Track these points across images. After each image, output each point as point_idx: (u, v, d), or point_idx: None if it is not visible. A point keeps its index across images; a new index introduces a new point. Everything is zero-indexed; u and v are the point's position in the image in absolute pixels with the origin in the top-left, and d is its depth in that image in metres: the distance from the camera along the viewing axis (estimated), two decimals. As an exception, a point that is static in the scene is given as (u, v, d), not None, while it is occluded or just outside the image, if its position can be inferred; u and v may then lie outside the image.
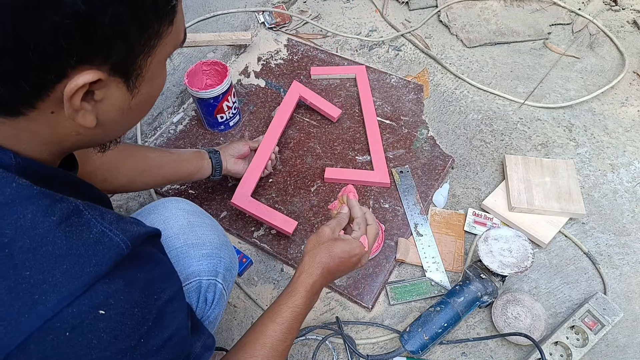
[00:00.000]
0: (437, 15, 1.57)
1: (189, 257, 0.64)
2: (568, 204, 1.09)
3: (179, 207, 0.69)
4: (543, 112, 1.32)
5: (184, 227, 0.67)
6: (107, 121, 0.46)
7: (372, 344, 0.97)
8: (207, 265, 0.67)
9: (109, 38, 0.39)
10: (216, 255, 0.68)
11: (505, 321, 0.96)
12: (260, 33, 1.49)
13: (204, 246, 0.67)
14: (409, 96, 1.33)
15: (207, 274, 0.67)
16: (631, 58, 1.43)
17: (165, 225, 0.66)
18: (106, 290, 0.41)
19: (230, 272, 0.72)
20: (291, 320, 0.65)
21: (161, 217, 0.67)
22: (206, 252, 0.67)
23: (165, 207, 0.68)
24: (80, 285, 0.40)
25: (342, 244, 0.72)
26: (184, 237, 0.63)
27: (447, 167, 1.19)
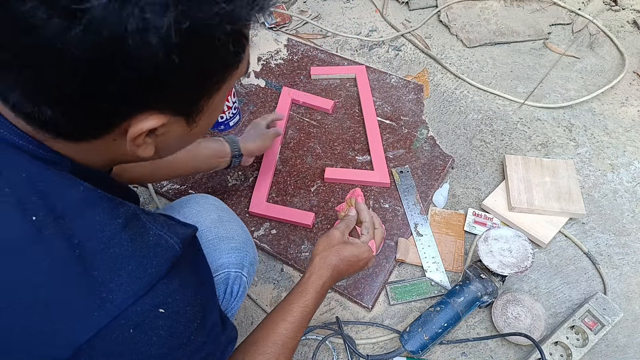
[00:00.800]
0: (437, 15, 1.57)
1: (220, 250, 0.66)
2: (568, 204, 1.09)
3: (209, 202, 0.73)
4: (543, 112, 1.32)
5: (215, 221, 0.70)
6: (165, 148, 0.50)
7: (372, 344, 0.97)
8: (235, 257, 0.70)
9: (175, 91, 0.41)
10: (243, 249, 0.71)
11: (505, 321, 0.96)
12: (260, 33, 1.49)
13: (233, 239, 0.70)
14: (409, 96, 1.33)
15: (235, 266, 0.69)
16: (631, 58, 1.43)
17: (198, 218, 0.70)
18: (165, 290, 0.44)
19: (253, 267, 0.75)
20: (301, 319, 0.68)
21: (193, 210, 0.71)
22: (234, 246, 0.70)
23: (197, 202, 0.72)
24: (143, 285, 0.42)
25: (351, 248, 0.76)
26: (215, 231, 0.66)
27: (447, 167, 1.19)
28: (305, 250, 1.07)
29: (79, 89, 0.38)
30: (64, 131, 0.42)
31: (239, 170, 1.19)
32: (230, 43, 0.41)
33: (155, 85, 0.39)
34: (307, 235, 1.09)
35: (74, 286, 0.41)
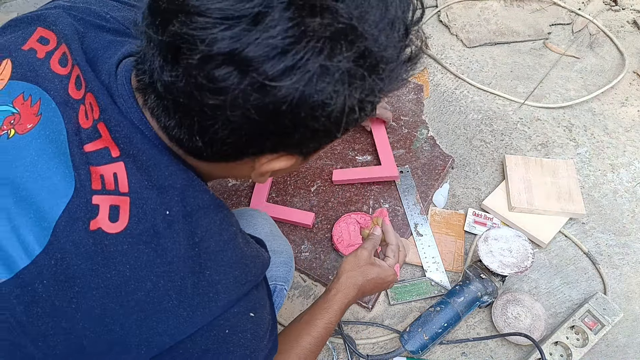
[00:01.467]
0: (437, 15, 1.57)
1: (272, 263, 0.67)
2: (568, 204, 1.09)
3: (262, 217, 0.75)
4: (543, 112, 1.32)
5: (268, 235, 0.73)
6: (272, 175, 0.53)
7: (372, 344, 0.97)
8: (282, 271, 0.72)
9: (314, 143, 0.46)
10: (289, 264, 0.74)
11: (505, 321, 0.96)
12: (260, 33, 1.49)
13: (282, 254, 0.73)
14: (409, 96, 1.33)
15: (282, 280, 0.72)
16: (631, 58, 1.43)
17: (254, 230, 0.72)
18: (256, 297, 0.48)
19: (291, 281, 0.77)
20: (324, 335, 0.70)
21: (250, 224, 0.73)
22: (283, 260, 0.73)
23: (252, 216, 0.75)
24: (244, 291, 0.46)
25: (378, 270, 0.78)
26: (268, 244, 0.66)
27: (447, 167, 1.19)
28: (305, 250, 1.07)
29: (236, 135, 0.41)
30: (199, 155, 0.46)
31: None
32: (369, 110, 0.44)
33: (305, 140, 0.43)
34: (307, 235, 1.09)
35: (189, 282, 0.43)
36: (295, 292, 1.04)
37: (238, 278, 0.46)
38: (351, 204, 1.13)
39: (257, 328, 0.49)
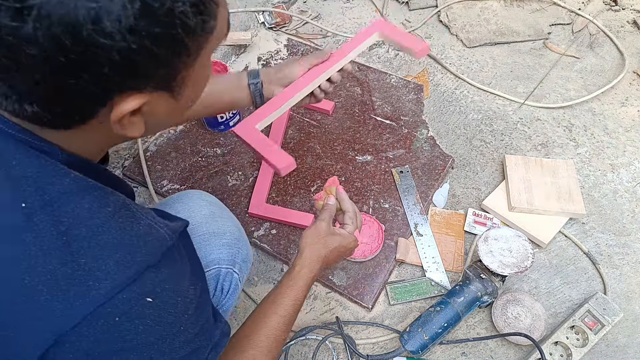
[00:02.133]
0: (437, 15, 1.57)
1: (211, 245, 0.66)
2: (568, 204, 1.09)
3: (202, 198, 0.71)
4: (543, 112, 1.32)
5: (207, 217, 0.69)
6: (155, 123, 0.49)
7: (372, 344, 0.97)
8: (226, 254, 0.68)
9: (148, 71, 0.40)
10: (235, 245, 0.70)
11: (505, 321, 0.96)
12: (260, 33, 1.49)
13: (225, 235, 0.69)
14: (409, 96, 1.33)
15: (226, 262, 0.68)
16: (631, 58, 1.43)
17: (189, 213, 0.68)
18: (154, 280, 0.44)
19: (246, 264, 0.73)
20: (293, 313, 0.69)
21: (186, 206, 0.69)
22: (226, 242, 0.69)
23: (190, 198, 0.70)
24: (131, 274, 0.42)
25: (339, 239, 0.78)
26: (206, 226, 0.66)
27: (447, 167, 1.19)
28: (305, 250, 1.07)
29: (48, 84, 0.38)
30: (48, 122, 0.42)
31: (239, 170, 1.19)
32: (193, 13, 0.40)
33: (125, 68, 0.39)
34: (307, 235, 1.09)
35: (60, 273, 0.41)
36: (295, 292, 1.04)
37: (121, 261, 0.42)
38: (351, 204, 1.13)
39: (164, 314, 0.45)
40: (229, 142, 1.24)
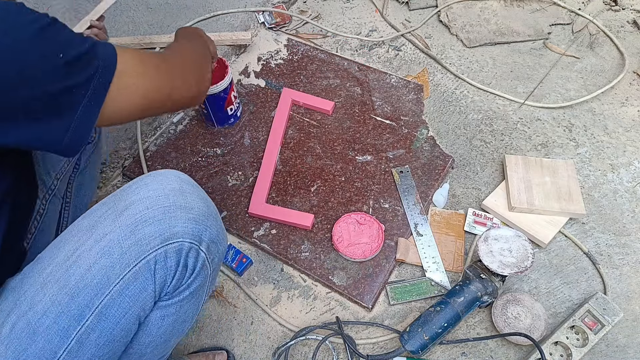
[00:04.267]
0: (437, 15, 1.57)
1: (175, 218, 0.63)
2: (568, 204, 1.10)
3: (174, 174, 0.70)
4: (543, 112, 1.32)
5: (174, 190, 0.66)
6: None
7: (372, 344, 0.97)
8: (191, 229, 0.65)
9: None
10: (202, 222, 0.67)
11: (505, 321, 0.96)
12: (260, 33, 1.49)
13: (192, 210, 0.66)
14: (409, 96, 1.33)
15: (190, 237, 0.65)
16: (631, 58, 1.43)
17: (158, 185, 0.66)
18: None
19: (216, 245, 0.69)
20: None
21: (156, 179, 0.67)
22: (192, 217, 0.66)
23: (161, 174, 0.69)
24: None
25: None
26: (173, 199, 0.64)
27: (447, 167, 1.19)
28: (305, 250, 1.07)
29: None
30: None
31: (239, 170, 1.19)
32: None
33: None
34: (307, 235, 1.09)
35: None
36: (295, 292, 1.04)
37: None
38: (351, 204, 1.13)
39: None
40: (229, 142, 1.24)
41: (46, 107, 0.54)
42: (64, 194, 0.89)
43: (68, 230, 0.63)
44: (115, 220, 0.60)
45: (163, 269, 0.61)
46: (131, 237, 0.59)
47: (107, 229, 0.60)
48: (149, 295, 0.62)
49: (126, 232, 0.59)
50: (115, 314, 0.60)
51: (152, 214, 0.61)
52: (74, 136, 0.57)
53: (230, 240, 1.10)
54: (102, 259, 0.58)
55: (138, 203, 0.61)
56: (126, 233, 0.59)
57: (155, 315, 0.66)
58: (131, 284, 0.60)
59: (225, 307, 1.03)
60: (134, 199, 0.62)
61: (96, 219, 0.62)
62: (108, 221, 0.61)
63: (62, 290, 0.58)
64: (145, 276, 0.60)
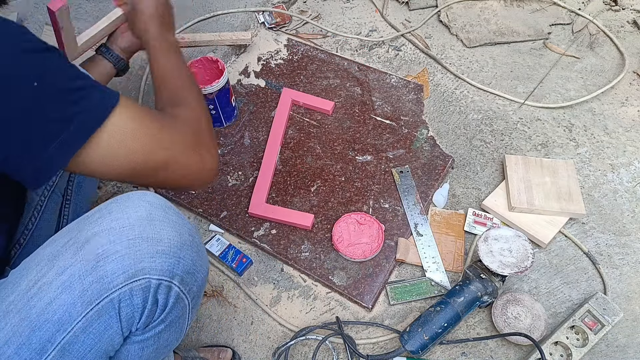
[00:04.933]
0: (437, 15, 1.57)
1: (141, 252, 0.58)
2: (568, 204, 1.10)
3: (143, 198, 0.62)
4: (543, 112, 1.32)
5: (142, 219, 0.60)
6: None
7: (372, 344, 0.97)
8: (160, 263, 0.59)
9: None
10: (174, 255, 0.60)
11: (505, 321, 0.96)
12: (260, 33, 1.49)
13: (161, 242, 0.60)
14: (409, 96, 1.33)
15: (159, 272, 0.59)
16: (631, 58, 1.43)
17: (122, 214, 0.59)
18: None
19: (192, 275, 0.63)
20: (182, 70, 0.80)
21: (121, 206, 0.61)
22: (162, 249, 0.59)
23: (129, 198, 0.62)
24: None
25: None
26: (139, 229, 0.58)
27: (447, 167, 1.19)
28: (305, 250, 1.07)
29: None
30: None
31: (239, 170, 1.19)
32: None
33: None
34: (307, 235, 1.09)
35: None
36: (295, 292, 1.04)
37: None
38: (351, 204, 1.13)
39: None
40: (229, 142, 1.24)
41: (13, 133, 0.51)
42: (64, 191, 0.89)
43: (32, 256, 0.60)
44: (76, 254, 0.56)
45: (129, 307, 0.57)
46: (93, 273, 0.55)
47: (67, 262, 0.56)
48: (115, 332, 0.59)
49: (87, 268, 0.55)
50: (80, 349, 0.57)
51: (115, 248, 0.56)
52: (38, 169, 0.54)
53: (230, 240, 1.10)
54: (63, 294, 0.55)
55: (100, 236, 0.56)
56: (87, 269, 0.55)
57: (134, 348, 0.63)
58: (94, 322, 0.56)
59: (225, 307, 1.03)
60: (96, 231, 0.57)
61: (58, 249, 0.57)
62: (69, 253, 0.56)
63: (23, 322, 0.55)
64: (109, 314, 0.57)
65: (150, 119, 0.62)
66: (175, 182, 0.66)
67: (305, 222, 1.08)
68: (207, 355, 0.92)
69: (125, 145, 0.59)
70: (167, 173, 0.64)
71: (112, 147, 0.58)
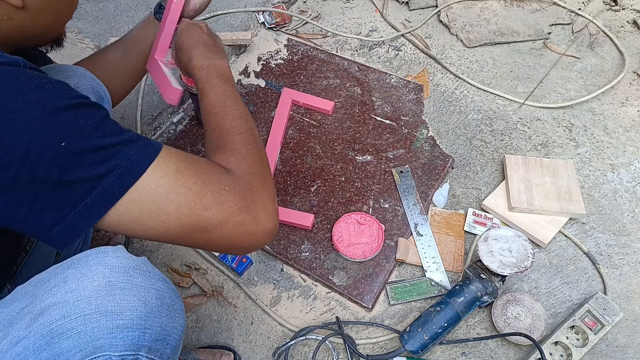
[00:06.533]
0: (437, 15, 1.57)
1: (99, 328, 0.52)
2: (568, 204, 1.10)
3: (103, 262, 0.55)
4: (543, 112, 1.32)
5: (99, 289, 0.53)
6: (32, 3, 0.56)
7: (372, 344, 0.97)
8: (122, 338, 0.53)
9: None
10: (138, 327, 0.54)
11: (505, 321, 0.96)
12: (260, 33, 1.49)
13: (121, 315, 0.53)
14: (409, 96, 1.33)
15: (122, 348, 0.53)
16: (631, 58, 1.43)
17: (78, 283, 0.53)
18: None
19: (162, 341, 0.57)
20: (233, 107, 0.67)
21: (77, 273, 0.54)
22: (123, 323, 0.53)
23: (87, 262, 0.55)
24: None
25: (195, 26, 0.81)
26: (96, 303, 0.52)
27: (447, 167, 1.19)
28: (305, 250, 1.07)
29: None
30: None
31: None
32: None
33: None
34: (307, 235, 1.09)
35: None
36: (295, 292, 1.04)
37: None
38: (351, 204, 1.13)
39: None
40: (229, 142, 1.24)
41: (37, 194, 0.49)
42: None
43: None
44: (30, 325, 0.51)
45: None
46: (47, 349, 0.51)
47: (22, 333, 0.51)
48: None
49: (42, 343, 0.51)
50: None
51: (70, 325, 0.51)
52: (63, 231, 0.51)
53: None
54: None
55: (54, 309, 0.51)
56: (42, 344, 0.51)
57: None
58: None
59: (225, 307, 1.03)
60: (50, 302, 0.52)
61: (14, 315, 0.52)
62: (24, 323, 0.51)
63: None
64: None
65: (190, 173, 0.55)
66: (222, 245, 0.58)
67: (305, 222, 1.08)
68: (208, 357, 0.92)
69: (157, 206, 0.53)
70: (210, 236, 0.56)
71: (143, 208, 0.53)
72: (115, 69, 0.94)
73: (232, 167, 0.60)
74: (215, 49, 0.77)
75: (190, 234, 0.55)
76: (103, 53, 0.95)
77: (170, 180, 0.53)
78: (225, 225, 0.55)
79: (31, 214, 0.50)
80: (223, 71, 0.72)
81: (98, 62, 0.92)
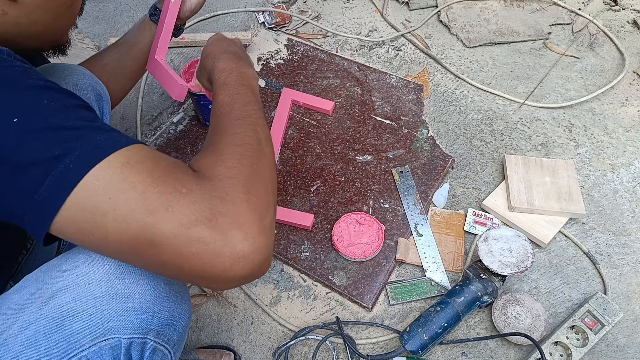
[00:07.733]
0: (437, 15, 1.57)
1: (109, 311, 0.52)
2: (568, 204, 1.10)
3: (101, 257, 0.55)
4: (543, 112, 1.32)
5: (110, 273, 0.53)
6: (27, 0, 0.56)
7: (372, 344, 0.97)
8: (131, 321, 0.54)
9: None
10: (147, 310, 0.54)
11: (505, 321, 0.96)
12: (260, 33, 1.49)
13: (131, 299, 0.53)
14: (409, 96, 1.33)
15: (131, 331, 0.54)
16: (631, 58, 1.43)
17: (89, 267, 0.53)
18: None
19: (170, 326, 0.58)
20: (244, 111, 0.61)
21: (88, 257, 0.54)
22: (132, 306, 0.53)
23: (90, 256, 0.55)
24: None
25: (220, 36, 0.80)
26: (106, 285, 0.53)
27: (447, 167, 1.19)
28: (305, 250, 1.07)
29: None
30: None
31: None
32: None
33: None
34: (307, 235, 1.09)
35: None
36: (295, 292, 1.04)
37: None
38: (351, 204, 1.13)
39: None
40: (229, 142, 1.24)
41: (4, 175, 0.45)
42: None
43: (1, 300, 0.55)
44: (41, 308, 0.52)
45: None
46: (58, 331, 0.51)
47: (33, 317, 0.52)
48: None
49: (52, 326, 0.51)
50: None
51: (80, 307, 0.51)
52: (32, 222, 0.46)
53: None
54: (29, 349, 0.51)
55: (64, 292, 0.52)
56: (52, 327, 0.51)
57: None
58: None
59: (225, 307, 1.03)
60: (61, 286, 0.52)
61: (25, 300, 0.53)
62: (35, 307, 0.52)
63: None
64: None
65: (141, 169, 0.45)
66: (180, 269, 0.45)
67: (305, 222, 1.08)
68: (208, 357, 0.92)
69: (92, 203, 0.44)
70: (158, 253, 0.44)
71: (79, 207, 0.44)
72: (113, 71, 0.96)
73: (204, 168, 0.50)
74: (244, 60, 0.74)
75: (133, 248, 0.45)
76: (100, 56, 0.97)
77: (112, 173, 0.44)
78: (175, 239, 0.43)
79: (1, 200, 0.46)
80: (245, 77, 0.67)
81: (95, 64, 0.94)
